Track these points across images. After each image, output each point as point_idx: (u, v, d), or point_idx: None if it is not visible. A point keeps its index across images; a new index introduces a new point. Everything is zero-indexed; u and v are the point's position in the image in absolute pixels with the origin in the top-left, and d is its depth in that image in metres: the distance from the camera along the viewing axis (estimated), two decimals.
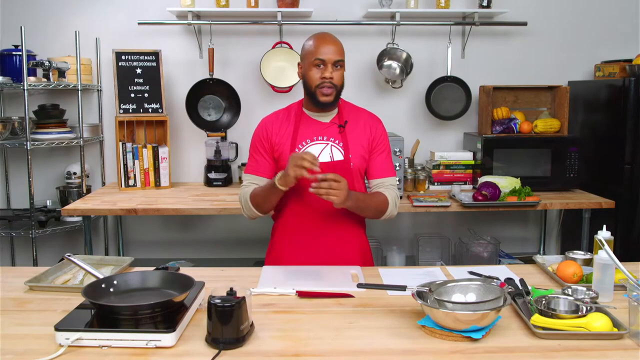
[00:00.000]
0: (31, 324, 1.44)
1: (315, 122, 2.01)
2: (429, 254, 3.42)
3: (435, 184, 3.32)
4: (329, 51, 1.89)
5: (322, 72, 1.90)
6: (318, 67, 1.91)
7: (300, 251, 2.01)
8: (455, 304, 1.39)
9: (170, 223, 3.64)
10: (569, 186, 3.26)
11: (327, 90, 1.91)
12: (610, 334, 1.34)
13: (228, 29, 3.47)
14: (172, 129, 3.45)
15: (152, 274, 1.56)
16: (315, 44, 1.92)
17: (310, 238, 2.01)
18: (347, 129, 1.99)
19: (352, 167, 1.96)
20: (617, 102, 3.16)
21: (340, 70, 1.93)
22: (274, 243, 2.10)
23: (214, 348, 1.28)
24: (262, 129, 2.03)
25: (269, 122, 2.04)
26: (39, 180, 3.43)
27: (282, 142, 1.99)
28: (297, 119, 2.01)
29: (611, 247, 1.52)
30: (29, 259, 3.32)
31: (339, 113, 2.02)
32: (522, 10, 3.49)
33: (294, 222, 2.03)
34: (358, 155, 1.98)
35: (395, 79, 3.45)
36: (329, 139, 1.98)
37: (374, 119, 2.07)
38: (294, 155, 1.79)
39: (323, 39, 1.93)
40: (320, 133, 1.98)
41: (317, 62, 1.90)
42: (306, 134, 1.98)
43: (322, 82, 1.90)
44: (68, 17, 3.44)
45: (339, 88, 1.94)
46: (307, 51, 1.95)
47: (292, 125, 2.00)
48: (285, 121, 2.02)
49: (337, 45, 1.93)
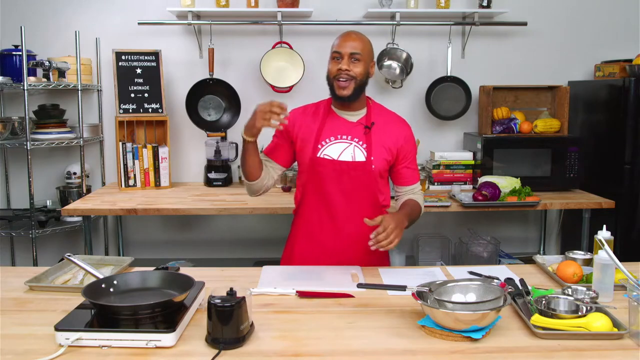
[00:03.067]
0: (31, 324, 1.44)
1: (341, 120, 2.01)
2: (429, 254, 3.41)
3: (435, 184, 3.32)
4: (346, 45, 1.92)
5: (338, 64, 1.92)
6: (336, 60, 1.94)
7: (320, 248, 2.01)
8: (455, 304, 1.39)
9: (170, 223, 3.64)
10: (569, 186, 3.26)
11: (342, 83, 1.91)
12: (610, 334, 1.34)
13: (228, 29, 3.47)
14: (172, 129, 3.45)
15: (152, 274, 1.56)
16: (337, 39, 1.96)
17: (330, 235, 2.00)
18: (373, 131, 1.98)
19: (374, 169, 1.95)
20: (617, 102, 3.16)
21: (358, 64, 1.92)
22: (294, 238, 2.10)
23: (214, 348, 1.28)
24: (289, 119, 2.00)
25: (296, 115, 2.05)
26: (39, 180, 3.43)
27: (306, 137, 2.00)
28: (325, 115, 2.02)
29: (611, 247, 1.52)
30: (29, 259, 3.31)
31: (367, 114, 2.02)
32: (522, 10, 3.49)
33: (313, 218, 2.02)
34: (381, 158, 1.97)
35: (395, 79, 3.45)
36: (353, 139, 1.97)
37: (402, 123, 2.07)
38: (262, 104, 1.80)
39: (345, 34, 1.96)
40: (345, 132, 1.98)
41: (334, 55, 1.94)
42: (331, 131, 1.98)
43: (338, 74, 1.91)
44: (68, 17, 3.44)
45: (357, 81, 1.92)
46: (331, 47, 1.98)
47: (319, 121, 2.01)
48: (312, 116, 2.04)
49: (356, 40, 1.94)
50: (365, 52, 1.94)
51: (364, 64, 1.93)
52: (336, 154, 1.95)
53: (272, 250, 3.56)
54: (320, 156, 1.96)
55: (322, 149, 1.96)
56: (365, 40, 1.96)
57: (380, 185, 2.02)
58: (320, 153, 1.96)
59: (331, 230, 2.00)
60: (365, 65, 1.94)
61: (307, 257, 2.02)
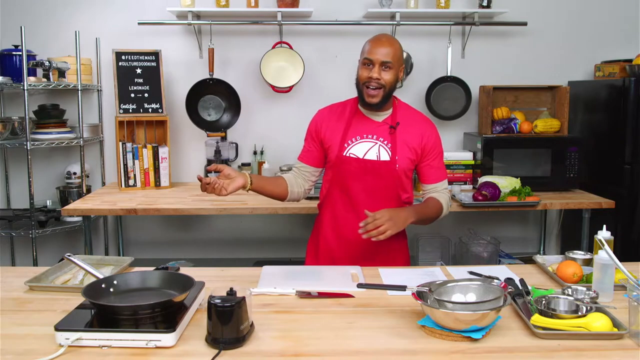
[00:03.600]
0: (31, 324, 1.44)
1: (367, 120, 2.04)
2: (429, 254, 3.41)
3: None
4: (378, 52, 1.91)
5: (369, 72, 1.93)
6: (367, 67, 1.94)
7: (344, 241, 2.04)
8: (455, 304, 1.39)
9: (170, 223, 3.63)
10: (569, 186, 3.26)
11: (372, 91, 1.93)
12: (610, 334, 1.34)
13: (228, 29, 3.47)
14: (172, 129, 3.45)
15: (152, 274, 1.56)
16: (368, 44, 1.96)
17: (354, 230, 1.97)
18: (398, 131, 2.00)
19: (398, 168, 1.98)
20: (617, 102, 3.16)
21: (388, 72, 1.93)
22: (318, 231, 2.14)
23: (214, 348, 1.28)
24: (316, 123, 2.09)
25: (323, 115, 2.10)
26: (39, 180, 3.43)
27: (332, 137, 2.03)
28: (351, 114, 2.05)
29: (611, 247, 1.52)
30: (29, 259, 3.31)
31: (392, 114, 2.04)
32: (522, 10, 3.49)
33: (338, 213, 2.06)
34: (405, 158, 2.00)
35: None
36: (378, 138, 2.00)
37: (427, 122, 2.09)
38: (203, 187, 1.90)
39: (377, 40, 1.96)
40: (371, 132, 2.01)
41: (365, 62, 1.94)
42: (357, 130, 2.02)
43: (368, 81, 1.93)
44: (68, 17, 3.44)
45: (387, 89, 1.94)
46: (362, 50, 1.99)
47: (345, 120, 2.04)
48: (339, 115, 2.07)
49: (389, 46, 1.93)
50: (396, 59, 1.94)
51: (394, 71, 1.94)
52: (362, 153, 1.99)
53: (272, 250, 3.57)
54: (346, 154, 2.00)
55: (348, 148, 2.00)
56: (396, 46, 1.96)
57: (404, 184, 2.04)
58: (346, 152, 2.00)
59: (355, 226, 1.99)
60: (395, 72, 1.95)
61: (333, 249, 2.07)
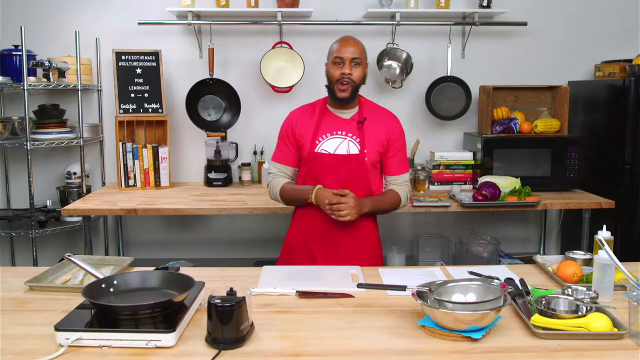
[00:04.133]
0: (31, 324, 1.44)
1: (336, 117, 2.17)
2: (429, 254, 3.41)
3: (435, 184, 3.32)
4: (347, 50, 2.08)
5: (341, 69, 2.08)
6: (337, 65, 2.09)
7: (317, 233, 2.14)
8: (455, 304, 1.39)
9: (170, 223, 3.63)
10: (569, 186, 3.26)
11: (344, 86, 2.08)
12: (610, 334, 1.34)
13: (228, 29, 3.47)
14: (172, 129, 3.45)
15: (152, 274, 1.56)
16: (336, 45, 2.12)
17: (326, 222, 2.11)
18: (365, 125, 2.13)
19: (367, 160, 2.10)
20: (617, 102, 3.16)
21: (358, 68, 2.09)
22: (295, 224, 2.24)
23: (214, 348, 1.28)
24: (289, 121, 2.22)
25: (295, 116, 2.23)
26: (39, 180, 3.43)
27: (304, 134, 2.16)
28: (321, 113, 2.18)
29: (611, 247, 1.52)
30: (29, 259, 3.31)
31: (359, 110, 2.18)
32: (522, 10, 3.49)
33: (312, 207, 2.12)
34: (373, 150, 2.12)
35: (395, 79, 3.45)
36: (347, 134, 2.13)
37: (392, 117, 2.22)
38: (324, 197, 2.01)
39: (344, 40, 2.12)
40: (340, 128, 2.14)
41: (336, 60, 2.09)
42: (327, 128, 2.15)
43: (341, 78, 2.07)
44: (68, 17, 3.44)
45: (356, 84, 2.10)
46: (330, 51, 2.14)
47: (315, 119, 2.17)
48: (309, 115, 2.20)
49: (356, 45, 2.10)
50: (363, 56, 2.12)
51: (362, 68, 2.11)
52: (332, 148, 2.11)
53: (272, 250, 3.55)
54: (318, 151, 2.12)
55: (320, 144, 2.12)
56: (361, 45, 2.13)
57: (373, 175, 2.16)
58: (318, 148, 2.12)
59: (328, 217, 2.09)
60: (363, 69, 2.12)
61: (307, 240, 2.16)
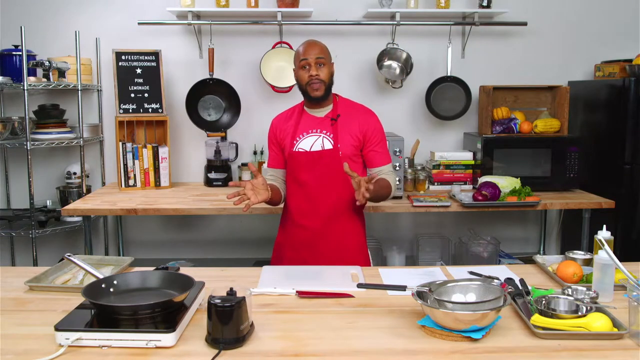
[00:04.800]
0: (31, 324, 1.44)
1: (312, 117, 2.25)
2: (429, 254, 3.42)
3: (435, 184, 3.32)
4: (310, 52, 2.16)
5: (308, 71, 2.16)
6: (304, 68, 2.17)
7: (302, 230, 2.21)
8: (455, 304, 1.39)
9: (170, 223, 3.63)
10: (569, 186, 3.26)
11: (315, 85, 2.16)
12: (610, 334, 1.34)
13: (228, 29, 3.47)
14: (172, 129, 3.45)
15: (152, 274, 1.56)
16: (300, 49, 2.20)
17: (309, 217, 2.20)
18: (338, 122, 2.21)
19: (341, 154, 2.16)
20: (617, 102, 3.16)
21: (324, 68, 2.17)
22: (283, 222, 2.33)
23: (214, 348, 1.28)
24: (272, 128, 2.34)
25: (276, 121, 2.34)
26: (39, 180, 3.43)
27: (285, 137, 2.26)
28: (299, 116, 2.28)
29: (611, 247, 1.52)
30: (29, 259, 3.31)
31: (333, 108, 2.25)
32: (522, 10, 3.49)
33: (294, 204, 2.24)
34: (347, 145, 2.18)
35: (395, 79, 3.45)
36: (321, 132, 2.21)
37: (366, 112, 2.28)
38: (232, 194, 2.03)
39: (307, 44, 2.20)
40: (315, 126, 2.22)
41: (302, 64, 2.17)
42: (303, 127, 2.24)
43: (310, 80, 2.16)
44: (68, 17, 3.44)
45: (327, 83, 2.18)
46: (295, 56, 2.23)
47: (294, 121, 2.27)
48: (289, 118, 2.30)
49: (318, 46, 2.18)
50: (327, 56, 2.20)
51: (328, 67, 2.19)
52: (308, 146, 2.19)
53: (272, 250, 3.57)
54: (296, 150, 2.21)
55: (297, 144, 2.21)
56: (324, 46, 2.21)
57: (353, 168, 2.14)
58: (296, 147, 2.21)
59: (310, 212, 2.20)
60: (329, 67, 2.19)
61: (294, 238, 2.23)
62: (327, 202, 2.18)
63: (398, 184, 2.33)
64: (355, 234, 2.25)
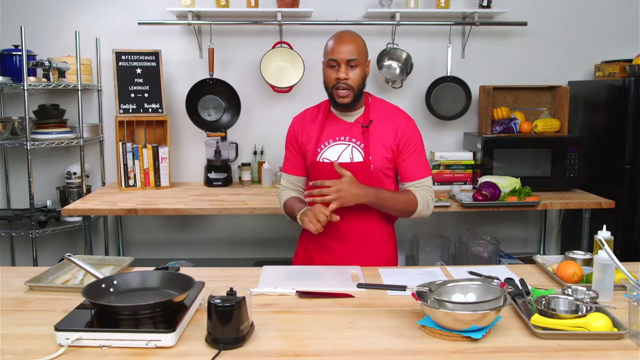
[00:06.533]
0: (31, 324, 1.44)
1: (340, 121, 1.98)
2: (429, 254, 3.42)
3: (436, 184, 3.32)
4: (341, 50, 1.86)
5: (336, 73, 1.88)
6: (332, 68, 1.89)
7: (326, 251, 2.01)
8: (455, 304, 1.39)
9: (170, 223, 3.63)
10: (569, 186, 3.26)
11: (342, 92, 1.88)
12: (610, 334, 1.34)
13: (228, 29, 3.47)
14: (172, 129, 3.45)
15: (152, 274, 1.55)
16: (331, 43, 1.90)
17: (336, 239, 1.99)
18: (371, 129, 1.93)
19: (372, 169, 1.91)
20: (617, 102, 3.16)
21: (355, 70, 1.88)
22: (303, 239, 2.12)
23: (214, 348, 1.28)
24: (292, 129, 2.06)
25: (297, 122, 2.06)
26: (39, 180, 3.43)
27: (307, 142, 1.99)
28: (324, 117, 2.00)
29: (611, 247, 1.52)
30: (29, 259, 3.31)
31: (365, 112, 1.97)
32: (522, 10, 3.49)
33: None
34: (380, 157, 1.92)
35: (395, 79, 3.45)
36: (350, 140, 1.94)
37: (403, 117, 1.99)
38: (310, 215, 1.79)
39: (338, 38, 1.89)
40: (343, 133, 1.95)
41: (331, 63, 1.89)
42: (330, 133, 1.96)
43: (336, 83, 1.88)
44: (68, 17, 3.44)
45: (355, 89, 1.89)
46: (325, 50, 1.93)
47: (318, 124, 1.99)
48: (312, 120, 2.02)
49: (352, 44, 1.87)
50: (361, 55, 1.89)
51: (361, 68, 1.89)
52: (335, 157, 1.93)
53: (272, 250, 3.57)
54: (320, 160, 1.95)
55: (321, 153, 1.95)
56: (359, 41, 1.90)
57: (384, 184, 1.96)
58: (320, 157, 1.95)
59: (336, 233, 1.97)
60: (362, 69, 1.90)
61: (315, 260, 2.02)
62: (355, 223, 1.94)
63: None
64: (386, 258, 2.01)
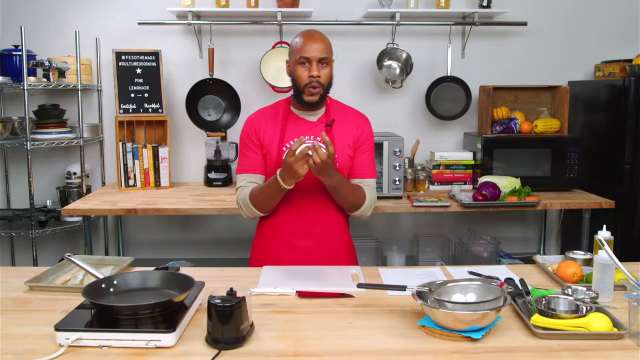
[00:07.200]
0: (31, 324, 1.44)
1: (302, 121, 2.00)
2: (429, 254, 3.42)
3: (435, 184, 3.32)
4: (314, 49, 1.87)
5: (308, 71, 1.89)
6: (303, 65, 1.90)
7: (290, 249, 2.00)
8: (455, 304, 1.39)
9: (170, 223, 3.63)
10: (569, 186, 3.26)
11: (313, 89, 1.89)
12: (610, 334, 1.34)
13: (228, 29, 3.47)
14: (172, 129, 3.45)
15: (152, 274, 1.56)
16: (301, 42, 1.90)
17: (300, 236, 1.99)
18: (334, 128, 1.97)
19: (338, 167, 1.92)
20: (617, 102, 3.16)
21: (326, 68, 1.90)
22: (262, 239, 2.08)
23: (214, 348, 1.28)
24: (250, 127, 2.02)
25: (256, 120, 2.03)
26: (39, 180, 3.43)
27: (270, 141, 1.98)
28: (285, 117, 2.00)
29: (611, 247, 1.52)
30: (29, 259, 3.31)
31: (326, 112, 2.01)
32: (522, 10, 3.49)
33: (282, 219, 2.01)
34: (344, 155, 1.96)
35: (395, 79, 3.45)
36: (315, 139, 1.94)
37: (361, 117, 2.05)
38: (290, 157, 1.74)
39: (309, 36, 1.91)
40: (308, 132, 1.96)
41: (302, 60, 1.89)
42: (293, 133, 1.96)
43: (310, 81, 1.88)
44: (68, 17, 3.44)
45: (325, 87, 1.92)
46: (293, 49, 1.94)
47: (280, 124, 1.99)
48: (272, 119, 2.01)
49: (322, 42, 1.90)
50: (330, 54, 1.92)
51: (330, 67, 1.92)
52: None
53: None
54: None
55: None
56: (327, 41, 1.93)
57: None
58: None
59: (301, 230, 1.98)
60: (331, 68, 1.93)
61: (279, 259, 1.98)
62: (322, 220, 1.98)
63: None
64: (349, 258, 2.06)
